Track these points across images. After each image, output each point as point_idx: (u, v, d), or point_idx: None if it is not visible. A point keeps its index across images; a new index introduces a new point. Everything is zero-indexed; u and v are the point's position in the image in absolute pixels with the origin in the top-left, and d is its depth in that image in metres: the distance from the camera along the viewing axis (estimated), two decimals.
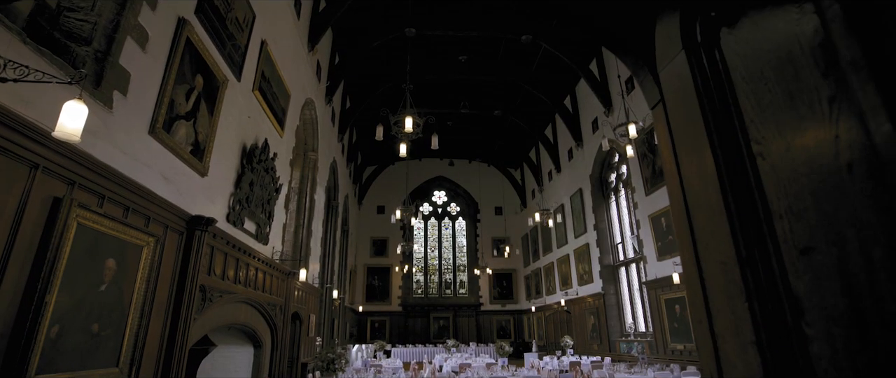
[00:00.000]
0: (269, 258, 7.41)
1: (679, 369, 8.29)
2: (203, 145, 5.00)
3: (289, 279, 8.27)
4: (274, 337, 7.73)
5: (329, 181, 13.90)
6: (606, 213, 13.89)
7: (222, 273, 5.47)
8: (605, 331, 12.95)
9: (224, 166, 5.68)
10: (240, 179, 6.08)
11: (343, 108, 14.77)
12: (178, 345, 4.22)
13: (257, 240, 6.95)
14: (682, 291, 9.28)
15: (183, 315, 4.31)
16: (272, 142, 7.46)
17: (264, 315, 7.29)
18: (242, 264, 6.15)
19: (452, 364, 11.03)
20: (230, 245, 5.63)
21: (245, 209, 6.29)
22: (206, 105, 5.02)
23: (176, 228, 4.38)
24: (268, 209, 7.25)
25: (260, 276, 6.94)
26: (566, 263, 15.94)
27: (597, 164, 14.04)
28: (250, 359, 7.39)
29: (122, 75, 3.55)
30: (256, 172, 6.57)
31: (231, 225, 5.90)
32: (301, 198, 10.81)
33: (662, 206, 10.13)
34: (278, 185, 7.65)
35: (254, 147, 6.43)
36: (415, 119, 6.29)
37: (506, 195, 22.53)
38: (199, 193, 4.98)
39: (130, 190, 3.60)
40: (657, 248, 10.30)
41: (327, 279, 13.81)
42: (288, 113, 8.37)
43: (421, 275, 22.52)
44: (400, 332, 20.83)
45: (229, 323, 6.05)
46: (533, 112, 17.09)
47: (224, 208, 5.73)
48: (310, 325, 10.57)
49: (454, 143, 21.30)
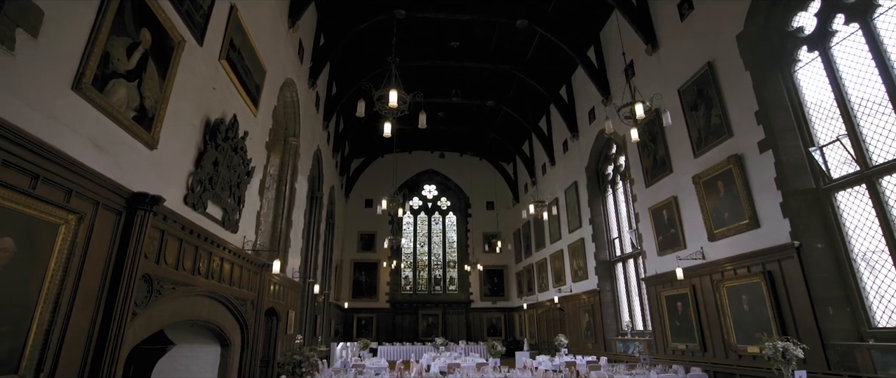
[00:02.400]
0: (239, 248, 6.72)
1: (683, 371, 7.75)
2: (152, 113, 4.30)
3: (263, 272, 7.58)
4: (244, 335, 7.04)
5: (313, 170, 13.18)
6: (603, 206, 13.35)
7: (177, 262, 4.78)
8: (600, 329, 12.42)
9: (181, 140, 4.98)
10: (201, 157, 5.38)
11: (329, 94, 14.05)
12: (112, 343, 3.54)
13: (224, 227, 6.25)
14: (684, 288, 8.76)
15: (119, 309, 3.63)
16: (243, 119, 6.77)
17: (233, 311, 6.60)
18: (204, 253, 5.46)
19: (441, 364, 10.42)
20: (188, 231, 4.95)
21: (208, 191, 5.60)
22: (155, 66, 4.32)
23: (112, 206, 3.69)
24: (237, 193, 6.56)
25: (227, 267, 6.25)
26: (560, 259, 15.40)
27: (593, 156, 13.49)
28: (217, 359, 6.71)
29: (29, 10, 2.86)
30: (223, 151, 5.87)
31: (190, 208, 5.20)
32: (280, 186, 10.11)
33: (664, 198, 9.60)
34: (250, 167, 6.95)
35: (219, 122, 5.74)
36: (400, 94, 5.65)
37: (498, 189, 21.95)
38: (147, 169, 4.29)
39: (41, 155, 2.92)
40: (658, 243, 9.77)
41: (310, 274, 13.11)
42: (263, 90, 7.67)
43: (410, 271, 21.88)
44: (387, 329, 20.19)
45: (188, 319, 5.37)
46: (527, 103, 16.50)
47: (181, 189, 5.03)
48: (289, 322, 9.89)
49: (445, 135, 20.67)
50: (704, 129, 8.40)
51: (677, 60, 9.25)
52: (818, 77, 6.58)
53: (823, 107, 6.54)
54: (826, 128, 6.51)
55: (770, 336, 6.36)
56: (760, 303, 6.98)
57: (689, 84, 8.79)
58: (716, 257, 8.03)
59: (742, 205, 7.41)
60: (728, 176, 7.73)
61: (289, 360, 4.15)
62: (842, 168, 6.26)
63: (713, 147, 8.14)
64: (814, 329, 6.08)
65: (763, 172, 7.07)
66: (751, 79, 7.33)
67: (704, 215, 8.30)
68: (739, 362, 7.37)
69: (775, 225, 6.81)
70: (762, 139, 7.09)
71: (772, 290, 6.78)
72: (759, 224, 7.11)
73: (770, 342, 4.91)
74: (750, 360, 7.19)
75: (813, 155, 6.56)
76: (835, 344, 5.88)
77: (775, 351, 4.80)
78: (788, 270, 6.56)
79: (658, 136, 9.87)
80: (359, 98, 14.07)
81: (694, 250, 8.55)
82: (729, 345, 7.61)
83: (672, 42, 9.49)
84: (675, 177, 9.30)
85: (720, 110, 7.98)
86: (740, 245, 7.47)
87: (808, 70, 6.79)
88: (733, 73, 7.73)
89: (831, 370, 5.82)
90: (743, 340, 7.37)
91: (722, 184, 7.90)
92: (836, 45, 6.37)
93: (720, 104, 7.99)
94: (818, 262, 6.23)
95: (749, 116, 7.36)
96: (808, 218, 6.42)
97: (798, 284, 6.38)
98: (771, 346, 4.86)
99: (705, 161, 8.35)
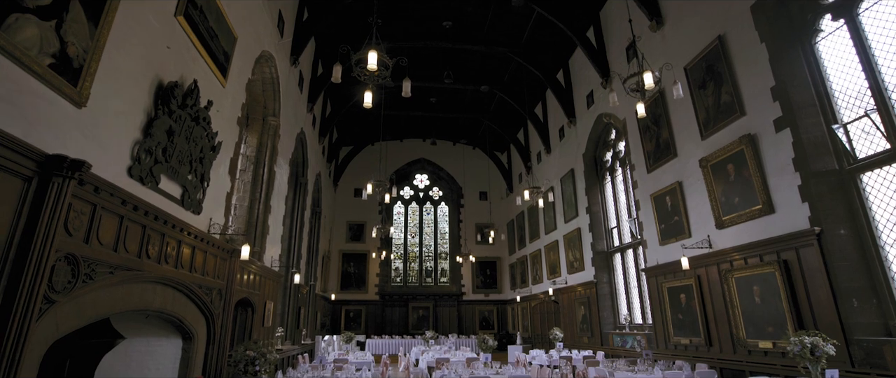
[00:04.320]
0: (204, 232, 6.05)
1: (689, 368, 7.21)
2: (79, 64, 3.61)
3: (232, 259, 6.91)
4: (210, 327, 6.38)
5: (297, 155, 12.48)
6: (601, 194, 12.77)
7: (116, 243, 4.10)
8: (596, 323, 11.89)
9: (123, 101, 4.29)
10: (151, 124, 4.69)
11: (314, 75, 13.30)
12: (13, 335, 2.87)
13: (184, 207, 5.57)
14: (689, 279, 8.21)
15: (24, 294, 2.96)
16: (208, 88, 6.06)
17: (195, 300, 5.93)
18: (155, 234, 4.78)
19: (429, 359, 9.84)
20: (132, 207, 4.27)
21: (161, 164, 4.91)
22: (83, 9, 3.62)
23: (16, 170, 3.01)
24: (200, 170, 5.87)
25: (187, 252, 5.58)
26: (555, 250, 14.84)
27: (591, 142, 12.89)
28: (179, 353, 6.05)
29: None
30: (180, 120, 5.17)
31: (136, 182, 4.52)
32: (258, 168, 9.41)
33: (667, 184, 9.02)
34: (216, 142, 6.25)
35: (174, 86, 5.03)
36: (381, 56, 4.98)
37: (491, 179, 21.33)
38: (72, 129, 3.60)
39: None
40: (660, 231, 9.20)
41: (293, 263, 12.44)
42: (233, 60, 6.95)
43: (400, 262, 21.26)
44: (377, 322, 19.60)
45: (137, 309, 4.70)
46: (523, 88, 15.84)
47: (123, 159, 4.34)
48: (266, 313, 9.23)
49: (438, 121, 19.98)
50: (713, 108, 7.80)
51: (684, 36, 8.63)
52: (843, 47, 5.99)
53: (849, 80, 5.95)
54: (851, 103, 5.93)
55: (792, 331, 5.82)
56: (774, 294, 6.43)
57: (696, 61, 8.18)
58: (724, 246, 7.47)
59: (755, 189, 6.83)
60: (739, 158, 7.15)
61: (240, 357, 3.50)
62: (869, 147, 5.69)
63: (723, 127, 7.55)
64: (836, 323, 5.53)
65: (779, 153, 6.49)
66: (766, 52, 6.74)
67: (712, 201, 7.73)
68: (749, 358, 6.83)
69: (792, 210, 6.24)
70: (778, 117, 6.50)
71: (787, 280, 6.23)
72: (774, 209, 6.54)
73: (796, 337, 4.34)
74: (761, 355, 6.66)
75: (836, 133, 5.99)
76: (859, 339, 5.34)
77: (802, 347, 4.23)
78: (807, 259, 6.00)
79: (661, 117, 9.27)
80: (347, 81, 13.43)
81: (700, 239, 7.99)
82: (737, 339, 7.07)
83: (678, 16, 8.87)
84: (680, 161, 8.71)
85: (731, 87, 7.38)
86: (752, 232, 6.91)
87: (831, 40, 6.20)
88: (747, 47, 7.13)
89: (856, 368, 5.28)
90: (753, 335, 6.83)
91: (732, 167, 7.33)
92: (865, 11, 5.77)
93: (732, 81, 7.39)
94: (841, 249, 5.67)
95: (764, 93, 6.77)
96: (830, 202, 5.86)
97: (818, 274, 5.83)
98: (797, 342, 4.29)
99: (713, 143, 7.76)
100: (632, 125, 10.43)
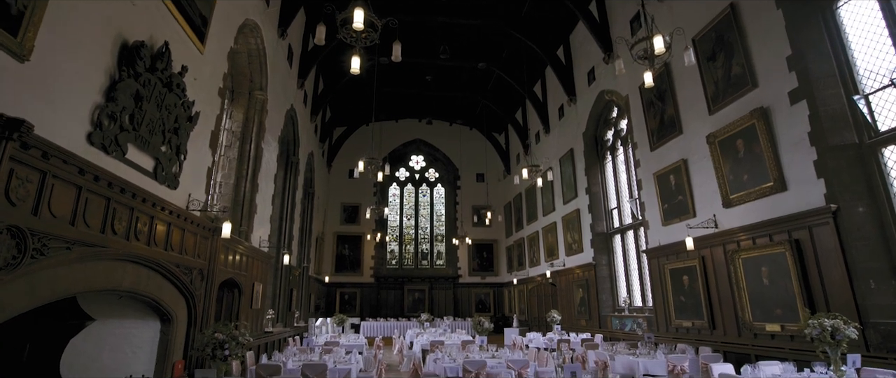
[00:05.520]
0: (181, 209, 5.66)
1: (693, 351, 6.95)
2: (20, 10, 3.17)
3: (214, 237, 6.54)
4: (191, 309, 6.05)
5: (286, 132, 12.02)
6: (601, 174, 12.41)
7: (73, 216, 3.71)
8: (595, 305, 11.65)
9: (79, 60, 3.85)
10: (114, 87, 4.25)
11: (304, 50, 12.75)
12: None
13: (158, 180, 5.17)
14: (692, 260, 7.91)
15: None
16: (182, 52, 5.59)
17: (173, 281, 5.58)
18: (123, 208, 4.40)
19: (424, 341, 9.58)
20: (92, 177, 3.87)
21: (128, 133, 4.49)
22: None
23: None
24: (175, 141, 5.45)
25: (161, 228, 5.20)
26: (553, 233, 14.54)
27: (592, 121, 12.48)
28: (157, 336, 5.71)
29: None
30: (148, 85, 4.73)
31: (99, 150, 4.11)
32: (244, 144, 8.98)
33: (671, 162, 8.66)
34: (193, 112, 5.82)
35: (140, 46, 4.58)
36: (368, 15, 4.53)
37: (489, 160, 20.93)
38: (13, 85, 3.17)
39: None
40: (662, 211, 8.87)
41: (284, 244, 12.09)
42: (211, 24, 6.46)
43: (396, 244, 20.96)
44: (372, 304, 19.39)
45: (105, 288, 4.33)
46: (521, 65, 15.32)
47: (82, 123, 3.93)
48: (255, 295, 8.91)
49: (434, 101, 19.48)
50: (723, 80, 7.40)
51: (692, 5, 8.18)
52: (869, 11, 5.57)
53: (873, 48, 5.55)
54: (874, 73, 5.53)
55: (803, 313, 5.53)
56: (784, 276, 6.13)
57: (706, 31, 7.74)
58: (730, 225, 7.15)
59: (766, 165, 6.48)
60: (750, 133, 6.78)
61: (208, 340, 3.16)
62: (892, 119, 5.32)
63: (733, 101, 7.16)
64: (850, 304, 5.24)
65: (794, 127, 6.12)
66: (783, 19, 6.31)
67: (719, 179, 7.38)
68: (755, 342, 6.57)
69: (806, 187, 5.90)
70: (794, 88, 6.11)
71: (799, 260, 5.92)
72: (787, 186, 6.20)
73: (815, 320, 4.03)
74: (767, 339, 6.39)
75: (857, 104, 5.61)
76: (876, 322, 5.05)
77: (822, 330, 3.92)
78: (821, 238, 5.68)
79: (666, 93, 8.86)
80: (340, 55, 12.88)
81: (705, 218, 7.67)
82: (743, 322, 6.80)
83: None
84: (686, 138, 8.34)
85: (743, 58, 6.97)
86: (762, 211, 6.58)
87: (854, 5, 5.77)
88: (761, 14, 6.69)
89: (871, 352, 5.00)
90: (760, 318, 6.55)
91: (742, 142, 6.96)
92: None
93: (743, 51, 6.97)
94: (859, 228, 5.35)
95: (779, 63, 6.37)
96: (849, 177, 5.51)
97: (832, 254, 5.52)
98: (816, 325, 3.98)
99: (722, 118, 7.38)
100: (635, 102, 10.02)
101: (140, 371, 5.33)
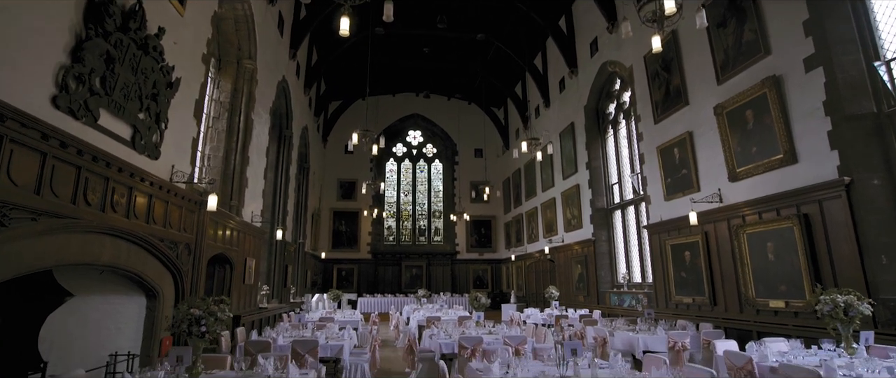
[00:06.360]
0: (164, 180, 5.40)
1: (694, 327, 6.82)
2: None
3: (201, 211, 6.30)
4: (178, 284, 5.86)
5: (279, 105, 11.64)
6: (602, 149, 12.12)
7: (38, 184, 3.45)
8: (593, 281, 11.54)
9: (38, 15, 3.52)
10: (81, 46, 3.92)
11: (296, 18, 12.25)
12: None
13: (136, 149, 4.89)
14: (695, 235, 7.71)
15: None
16: (158, 12, 5.22)
17: (158, 255, 5.37)
18: (97, 178, 4.14)
19: (420, 317, 9.47)
20: (59, 144, 3.60)
21: (100, 97, 4.19)
22: None
23: None
24: (154, 109, 5.14)
25: (142, 200, 4.95)
26: (552, 208, 14.35)
27: (594, 93, 12.11)
28: (142, 312, 5.54)
29: None
30: (120, 46, 4.40)
31: (67, 115, 3.82)
32: (233, 116, 8.65)
33: (676, 135, 8.37)
34: (174, 78, 5.49)
35: (109, 2, 4.22)
36: None
37: (487, 136, 20.57)
38: None
39: None
40: (665, 186, 8.63)
41: (278, 220, 11.88)
42: None
43: (393, 220, 20.80)
44: (369, 280, 19.36)
45: (80, 262, 4.11)
46: (521, 36, 14.81)
47: (46, 85, 3.62)
48: (247, 271, 8.73)
49: (431, 73, 18.99)
50: (733, 48, 7.04)
51: None
52: None
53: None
54: None
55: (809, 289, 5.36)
56: (790, 251, 5.93)
57: None
58: (736, 200, 6.92)
59: (776, 136, 6.20)
60: (761, 102, 6.47)
61: (182, 316, 2.95)
62: None
63: (744, 69, 6.82)
64: (860, 280, 5.06)
65: (808, 95, 5.82)
66: None
67: (726, 152, 7.11)
68: (757, 318, 6.42)
69: (818, 159, 5.64)
70: (810, 55, 5.78)
71: (807, 235, 5.71)
72: (797, 159, 5.94)
73: (827, 296, 3.84)
74: (770, 315, 6.24)
75: (878, 70, 5.30)
76: (887, 298, 4.88)
77: (834, 306, 3.73)
78: (832, 212, 5.46)
79: (673, 62, 8.50)
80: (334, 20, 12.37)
81: (709, 193, 7.43)
82: (746, 298, 6.65)
83: None
84: (692, 109, 8.03)
85: (756, 24, 6.60)
86: (769, 185, 6.33)
87: None
88: None
89: (880, 328, 4.84)
90: (763, 294, 6.39)
91: (751, 113, 6.66)
92: None
93: (756, 15, 6.60)
94: (872, 201, 5.12)
95: (794, 28, 6.01)
96: (864, 149, 5.25)
97: (843, 229, 5.31)
98: (828, 301, 3.79)
99: (731, 87, 7.06)
100: (639, 73, 9.65)
101: (126, 348, 5.17)
